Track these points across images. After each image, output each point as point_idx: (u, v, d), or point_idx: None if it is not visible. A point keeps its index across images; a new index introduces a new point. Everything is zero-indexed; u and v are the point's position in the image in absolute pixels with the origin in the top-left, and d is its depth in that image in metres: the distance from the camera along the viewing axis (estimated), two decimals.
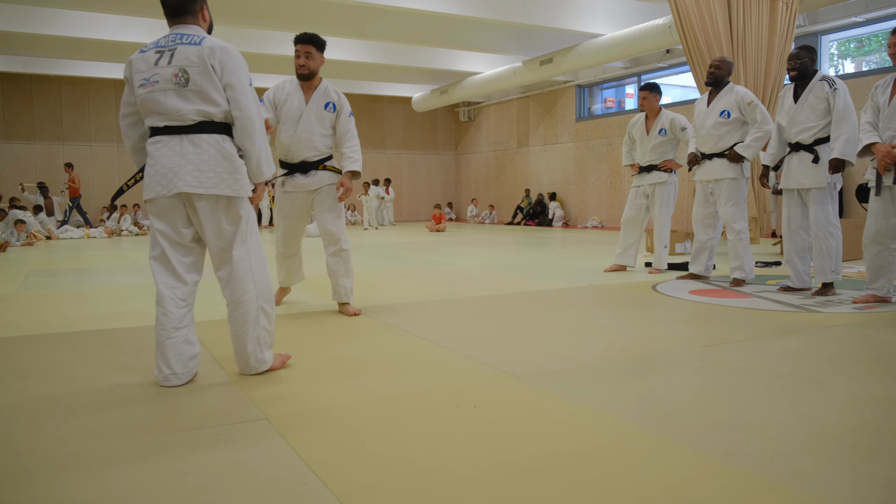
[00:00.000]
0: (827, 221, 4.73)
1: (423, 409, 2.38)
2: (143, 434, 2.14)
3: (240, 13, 10.47)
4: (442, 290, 5.43)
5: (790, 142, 4.88)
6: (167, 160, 2.61)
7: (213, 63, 2.59)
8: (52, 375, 2.89)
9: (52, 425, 2.23)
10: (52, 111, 16.28)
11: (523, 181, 18.11)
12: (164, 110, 2.60)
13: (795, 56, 4.78)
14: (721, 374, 2.80)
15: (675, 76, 14.28)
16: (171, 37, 2.66)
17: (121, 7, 9.98)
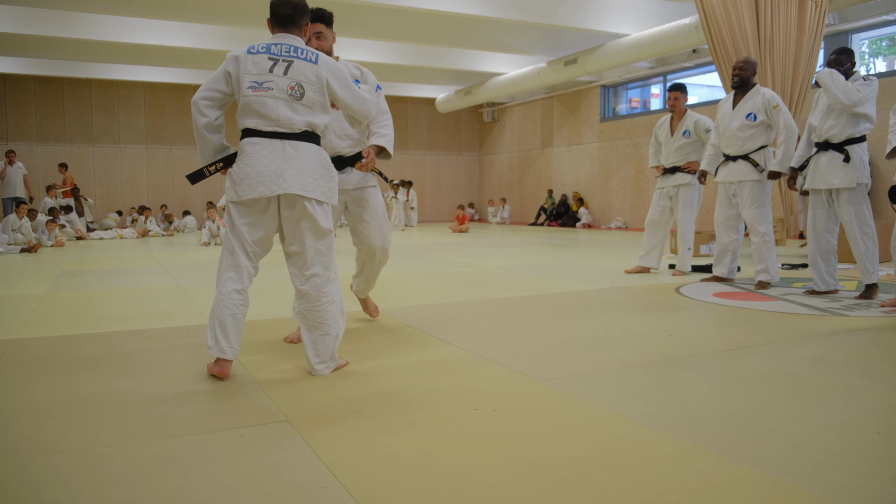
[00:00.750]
0: (863, 222, 4.66)
1: (443, 411, 2.39)
2: (168, 435, 2.18)
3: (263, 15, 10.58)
4: (464, 291, 5.44)
5: (819, 141, 4.81)
6: (269, 163, 2.71)
7: (327, 80, 2.79)
8: (79, 376, 2.94)
9: (79, 425, 2.28)
10: (83, 113, 16.57)
11: (547, 182, 18.05)
12: (273, 116, 2.74)
13: (832, 58, 4.72)
14: (745, 379, 2.77)
15: (702, 76, 14.13)
16: (283, 46, 2.79)
17: (150, 11, 10.13)
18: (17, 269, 7.57)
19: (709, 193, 10.57)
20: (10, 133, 15.86)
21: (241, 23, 10.75)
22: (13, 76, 15.55)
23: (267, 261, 3.63)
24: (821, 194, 4.86)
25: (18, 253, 9.66)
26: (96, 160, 16.63)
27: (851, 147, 4.63)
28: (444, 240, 12.23)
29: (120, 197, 16.75)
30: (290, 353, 3.33)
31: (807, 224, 4.96)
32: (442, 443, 2.09)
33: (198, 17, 10.51)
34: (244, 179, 2.74)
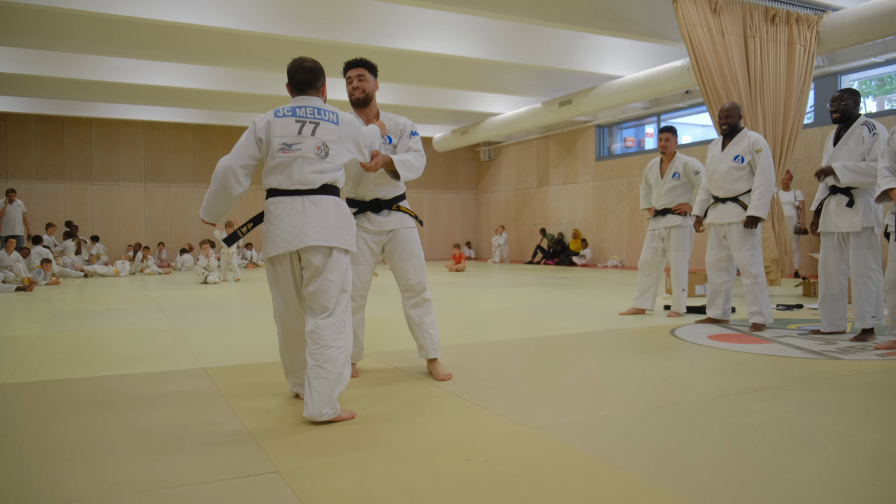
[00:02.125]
0: (866, 266, 4.69)
1: (435, 462, 2.38)
2: (158, 486, 2.16)
3: (270, 57, 10.74)
4: (460, 334, 5.43)
5: (829, 185, 4.87)
6: (292, 219, 2.92)
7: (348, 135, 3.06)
8: (69, 424, 2.92)
9: (67, 475, 2.26)
10: (82, 152, 16.69)
11: (543, 220, 18.13)
12: (298, 176, 2.94)
13: (838, 99, 4.80)
14: (739, 427, 2.76)
15: (695, 116, 14.32)
16: (307, 109, 3.02)
17: (150, 52, 10.28)
18: (12, 309, 7.55)
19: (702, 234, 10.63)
20: (9, 171, 15.95)
21: (239, 64, 10.91)
22: (14, 115, 15.70)
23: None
24: (832, 237, 4.90)
25: (13, 292, 9.63)
26: (95, 198, 16.70)
27: (857, 191, 4.68)
28: (441, 279, 12.23)
29: (118, 234, 16.78)
30: (284, 399, 3.32)
31: (819, 265, 4.99)
32: (434, 494, 2.07)
33: (197, 59, 10.65)
34: (271, 238, 2.96)
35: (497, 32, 10.32)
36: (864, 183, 4.60)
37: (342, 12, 9.22)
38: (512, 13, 8.52)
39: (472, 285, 10.59)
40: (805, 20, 8.51)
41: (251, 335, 5.45)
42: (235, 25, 8.71)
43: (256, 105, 14.75)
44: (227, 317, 6.73)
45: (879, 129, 4.62)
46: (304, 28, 9.13)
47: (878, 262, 4.73)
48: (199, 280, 11.47)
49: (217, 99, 14.05)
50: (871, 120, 4.70)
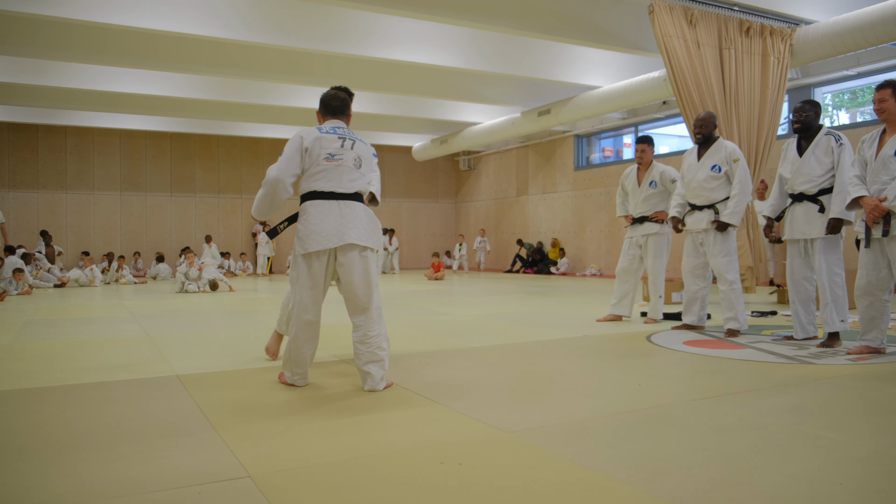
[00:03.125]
0: (832, 271, 4.77)
1: (409, 466, 2.37)
2: (128, 493, 2.13)
3: (251, 66, 10.71)
4: (439, 341, 5.42)
5: (793, 193, 4.94)
6: (331, 220, 3.42)
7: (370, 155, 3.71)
8: (39, 431, 2.87)
9: (37, 482, 2.22)
10: (57, 160, 16.48)
11: (523, 229, 18.20)
12: (338, 181, 3.48)
13: (800, 109, 4.89)
14: (712, 430, 2.78)
15: (672, 126, 14.49)
16: (344, 129, 3.63)
17: (127, 60, 10.20)
18: None
19: (678, 241, 10.73)
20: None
21: (219, 72, 10.86)
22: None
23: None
24: (798, 244, 4.97)
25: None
26: (69, 207, 16.49)
27: (825, 198, 4.76)
28: (421, 287, 12.22)
29: (93, 244, 16.56)
30: (258, 406, 3.29)
31: (779, 271, 5.07)
32: (407, 498, 2.06)
33: (176, 67, 10.59)
34: (310, 235, 3.42)
35: (477, 42, 10.38)
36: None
37: (323, 22, 9.22)
38: (492, 23, 8.58)
39: (451, 294, 10.59)
40: (779, 33, 8.66)
41: (228, 344, 5.41)
42: (216, 34, 8.68)
43: (236, 114, 14.68)
44: (204, 326, 6.67)
45: (844, 140, 4.74)
46: (286, 37, 9.12)
47: (841, 266, 4.82)
48: (176, 289, 11.35)
49: (196, 108, 13.96)
50: (834, 130, 4.81)
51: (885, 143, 4.25)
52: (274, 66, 10.84)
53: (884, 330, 4.41)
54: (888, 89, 4.23)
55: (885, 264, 4.25)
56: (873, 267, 4.29)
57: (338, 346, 5.06)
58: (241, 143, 18.12)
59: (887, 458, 2.42)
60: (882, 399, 3.30)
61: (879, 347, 4.41)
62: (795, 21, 8.88)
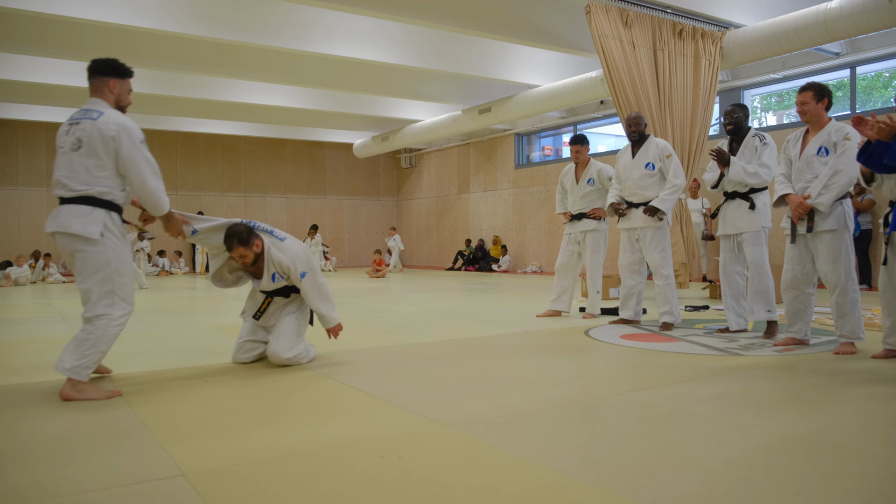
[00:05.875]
0: (762, 262, 4.98)
1: (348, 461, 2.35)
2: (58, 493, 2.04)
3: (188, 59, 10.42)
4: (380, 337, 5.40)
5: (726, 191, 5.11)
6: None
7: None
8: None
9: None
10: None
11: (464, 226, 18.29)
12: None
13: (731, 112, 5.09)
14: (646, 420, 2.85)
15: (610, 126, 14.80)
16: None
17: (55, 51, 9.78)
18: None
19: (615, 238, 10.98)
20: None
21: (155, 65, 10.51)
22: None
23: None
24: (730, 239, 5.15)
25: None
26: (22, 204, 15.75)
27: (756, 195, 4.97)
28: (362, 285, 12.15)
29: (18, 242, 15.83)
30: (190, 403, 3.21)
31: (711, 268, 5.25)
32: (346, 492, 2.05)
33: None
34: None
35: (418, 40, 10.37)
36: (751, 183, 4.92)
37: (263, 16, 9.05)
38: (432, 20, 8.58)
39: (392, 291, 10.55)
40: (710, 36, 8.94)
41: (158, 343, 5.25)
42: (149, 25, 8.40)
43: (170, 107, 14.27)
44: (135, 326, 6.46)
45: (768, 140, 4.97)
46: (222, 30, 8.90)
47: (767, 258, 5.04)
48: None
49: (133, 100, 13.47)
50: (760, 132, 5.04)
51: (808, 142, 4.44)
52: (210, 59, 10.57)
53: (808, 322, 4.61)
54: (810, 91, 4.42)
55: (809, 259, 4.44)
56: (798, 262, 4.47)
57: None
58: (176, 137, 17.64)
59: (810, 442, 2.53)
60: (805, 388, 3.45)
61: (804, 339, 4.61)
62: (725, 24, 9.19)
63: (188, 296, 10.09)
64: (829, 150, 4.32)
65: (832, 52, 10.00)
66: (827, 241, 4.29)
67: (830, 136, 4.32)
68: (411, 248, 20.72)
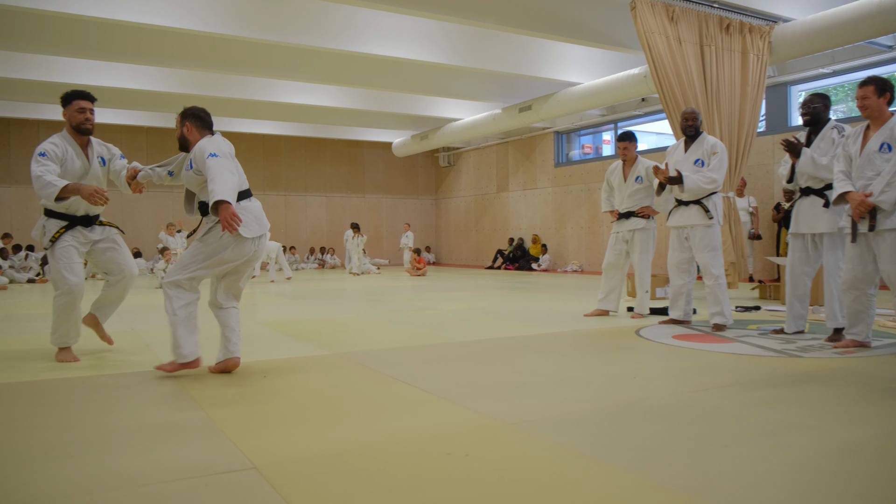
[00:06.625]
0: (837, 266, 4.81)
1: (414, 457, 2.36)
2: (132, 484, 2.10)
3: (226, 60, 10.58)
4: (426, 335, 5.42)
5: (801, 187, 4.96)
6: None
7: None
8: (30, 425, 2.82)
9: (34, 476, 2.17)
10: (29, 154, 16.07)
11: (503, 225, 18.25)
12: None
13: (808, 102, 4.89)
14: (710, 421, 2.81)
15: (651, 123, 14.62)
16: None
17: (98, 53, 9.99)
18: None
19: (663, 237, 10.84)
20: None
21: (193, 66, 10.71)
22: None
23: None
24: (802, 238, 4.97)
25: None
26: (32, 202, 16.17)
27: (831, 192, 4.72)
28: (402, 283, 12.20)
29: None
30: (256, 396, 3.26)
31: (786, 266, 5.09)
32: (416, 489, 2.06)
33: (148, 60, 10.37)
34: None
35: (458, 37, 10.37)
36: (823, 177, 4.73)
37: (302, 15, 9.14)
38: (474, 19, 8.57)
39: (433, 288, 10.58)
40: (758, 30, 8.77)
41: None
42: (191, 27, 8.55)
43: (212, 108, 14.43)
44: None
45: (848, 131, 4.70)
46: (263, 31, 9.01)
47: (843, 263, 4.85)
48: (155, 285, 11.23)
49: (170, 101, 13.74)
50: (840, 123, 4.83)
51: (869, 138, 4.31)
52: (250, 60, 10.72)
53: (869, 324, 4.48)
54: (871, 86, 4.30)
55: (870, 259, 4.31)
56: (859, 262, 4.35)
57: (332, 341, 5.03)
58: None
59: (872, 446, 2.47)
60: (868, 391, 3.36)
61: (865, 341, 4.48)
62: (773, 18, 8.99)
63: None
64: (891, 147, 4.20)
65: (885, 46, 9.72)
66: (890, 241, 4.16)
67: (893, 131, 4.19)
68: (449, 247, 20.77)
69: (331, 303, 8.34)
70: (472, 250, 19.66)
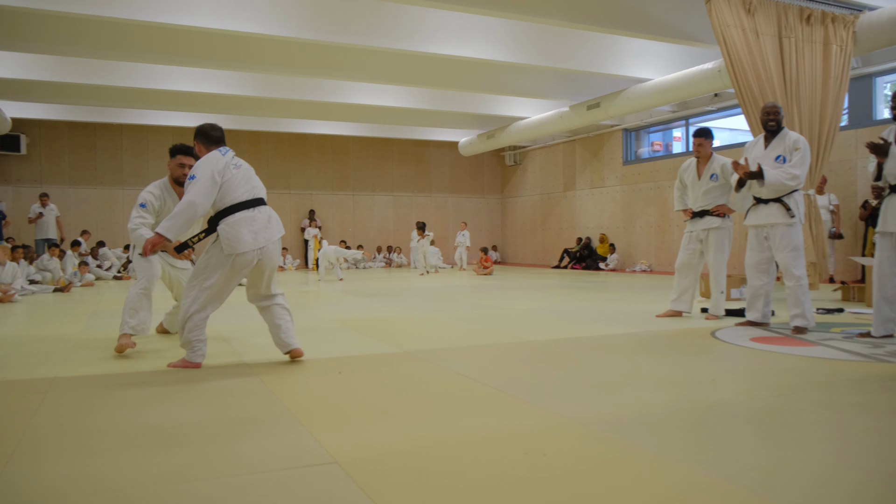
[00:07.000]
0: None
1: (492, 455, 2.36)
2: (219, 474, 2.17)
3: (296, 62, 10.84)
4: (496, 333, 5.41)
5: (890, 184, 4.75)
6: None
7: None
8: (121, 415, 2.95)
9: (127, 463, 2.28)
10: (113, 157, 16.94)
11: (570, 224, 18.06)
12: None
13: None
14: (796, 427, 2.71)
15: (724, 119, 14.19)
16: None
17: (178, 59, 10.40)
18: (53, 309, 7.66)
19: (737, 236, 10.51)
20: (43, 177, 16.24)
21: (265, 69, 11.00)
22: (48, 122, 15.97)
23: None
24: (890, 238, 4.75)
25: (51, 292, 9.79)
26: (126, 203, 16.93)
27: None
28: (469, 282, 12.23)
29: None
30: (332, 393, 3.33)
31: (873, 267, 4.86)
32: (495, 488, 2.06)
33: (224, 64, 10.75)
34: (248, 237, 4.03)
35: (525, 35, 10.31)
36: None
37: (367, 17, 9.26)
38: (541, 16, 8.51)
39: (500, 287, 10.56)
40: (841, 20, 8.40)
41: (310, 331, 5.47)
42: (262, 30, 8.78)
43: (282, 110, 14.88)
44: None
45: None
46: (330, 33, 9.18)
47: None
48: None
49: (244, 105, 14.18)
50: None
51: None
52: (319, 62, 10.93)
53: None
54: None
55: None
56: None
57: (402, 339, 5.09)
58: (289, 139, 18.36)
59: None
60: None
61: None
62: (858, 7, 8.59)
63: (302, 290, 10.48)
64: None
65: None
66: None
67: None
68: (515, 246, 20.69)
69: (399, 301, 8.43)
70: (537, 250, 19.53)
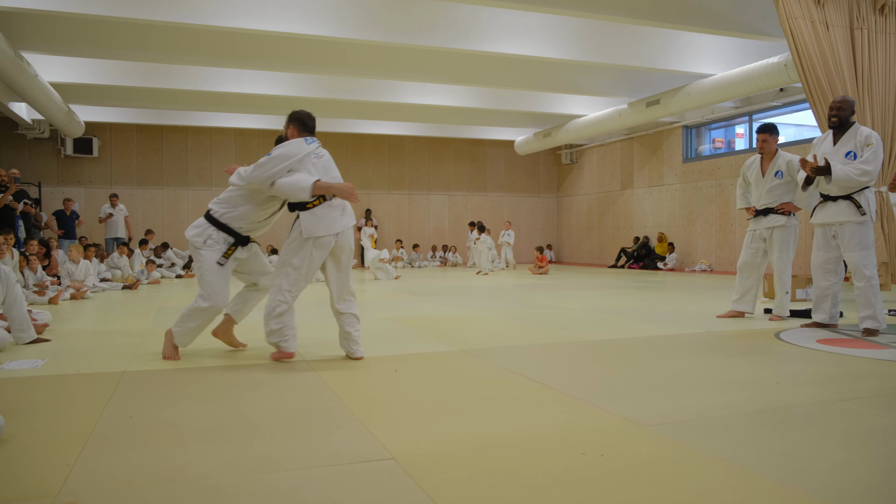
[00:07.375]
0: None
1: (548, 455, 2.36)
2: (280, 468, 2.23)
3: (355, 63, 11.00)
4: (552, 333, 5.38)
5: None
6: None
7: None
8: (188, 408, 3.06)
9: (194, 456, 2.36)
10: (179, 159, 17.51)
11: (627, 223, 17.79)
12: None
13: None
14: (862, 432, 2.62)
15: (790, 115, 13.73)
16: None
17: (241, 62, 10.69)
18: (122, 305, 7.98)
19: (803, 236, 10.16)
20: (113, 178, 16.91)
21: (325, 70, 11.20)
22: (118, 125, 16.64)
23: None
24: None
25: (120, 290, 10.19)
26: (190, 203, 17.47)
27: None
28: (525, 281, 12.18)
29: None
30: (389, 390, 3.37)
31: None
32: (552, 487, 2.06)
33: (285, 67, 11.00)
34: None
35: (582, 32, 10.21)
36: None
37: (423, 17, 9.32)
38: (599, 12, 8.42)
39: (556, 287, 10.48)
40: None
41: None
42: (320, 32, 8.95)
43: (339, 110, 15.11)
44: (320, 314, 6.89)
45: None
46: (386, 33, 9.28)
47: None
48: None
49: (304, 105, 14.39)
50: None
51: None
52: (376, 62, 11.07)
53: None
54: None
55: None
56: None
57: (457, 337, 5.11)
58: (346, 139, 18.63)
59: None
60: None
61: None
62: None
63: (358, 289, 10.63)
64: None
65: None
66: None
67: None
68: (571, 246, 20.49)
69: (454, 299, 8.46)
70: (593, 249, 19.30)
